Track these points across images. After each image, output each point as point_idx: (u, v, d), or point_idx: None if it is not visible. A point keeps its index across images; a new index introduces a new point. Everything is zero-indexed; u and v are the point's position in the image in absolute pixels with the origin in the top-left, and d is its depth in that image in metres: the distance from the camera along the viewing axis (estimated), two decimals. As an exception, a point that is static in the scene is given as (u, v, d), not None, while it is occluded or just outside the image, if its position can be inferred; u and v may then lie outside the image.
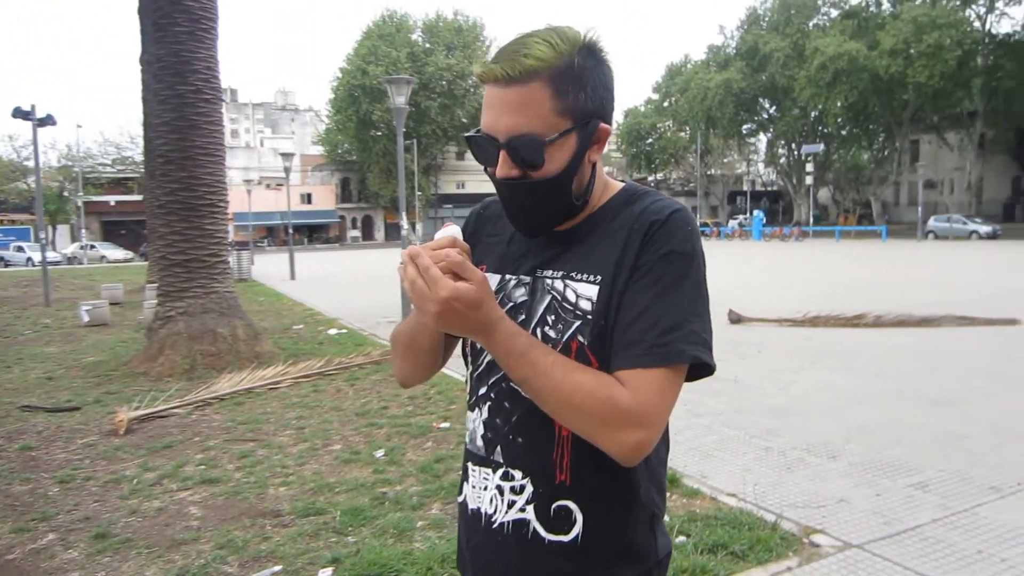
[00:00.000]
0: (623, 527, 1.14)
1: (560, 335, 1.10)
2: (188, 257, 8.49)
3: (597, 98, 1.09)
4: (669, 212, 1.11)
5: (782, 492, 4.15)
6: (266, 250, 52.87)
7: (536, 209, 1.14)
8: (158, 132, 8.63)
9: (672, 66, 63.47)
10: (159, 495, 4.41)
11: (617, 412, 1.01)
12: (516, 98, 1.05)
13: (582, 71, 1.06)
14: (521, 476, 1.15)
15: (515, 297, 1.18)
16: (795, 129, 51.12)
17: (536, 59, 1.03)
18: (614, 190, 1.20)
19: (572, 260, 1.14)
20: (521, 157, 1.08)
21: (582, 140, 1.09)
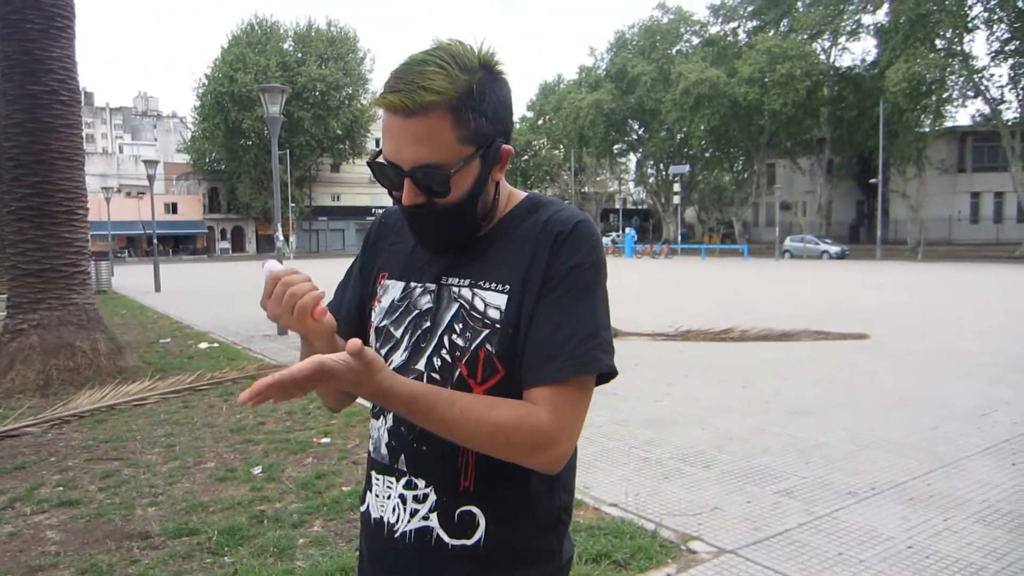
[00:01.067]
0: (526, 531, 1.15)
1: (468, 343, 1.11)
2: (43, 267, 7.93)
3: (497, 119, 1.09)
4: (574, 223, 1.12)
5: (661, 501, 4.31)
6: (127, 261, 49.78)
7: (443, 232, 1.15)
8: (8, 134, 8.03)
9: (546, 85, 65.07)
10: (11, 519, 4.11)
11: (541, 437, 1.04)
12: (418, 130, 1.04)
13: (481, 96, 1.06)
14: (424, 485, 1.15)
15: (420, 305, 1.18)
16: (663, 150, 53.56)
17: (435, 92, 1.02)
18: (517, 199, 1.21)
19: (478, 268, 1.15)
20: (426, 186, 1.08)
21: (485, 163, 1.10)
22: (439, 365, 1.14)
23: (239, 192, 59.74)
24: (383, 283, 1.27)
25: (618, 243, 49.12)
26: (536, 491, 1.15)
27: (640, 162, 59.51)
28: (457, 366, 1.12)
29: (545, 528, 1.17)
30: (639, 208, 73.08)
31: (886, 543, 3.66)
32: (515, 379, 1.10)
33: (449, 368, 1.13)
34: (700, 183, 56.49)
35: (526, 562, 1.16)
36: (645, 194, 66.92)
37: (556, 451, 1.06)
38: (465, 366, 1.11)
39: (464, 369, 1.11)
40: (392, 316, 1.22)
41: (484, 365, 1.10)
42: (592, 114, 51.01)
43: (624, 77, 51.70)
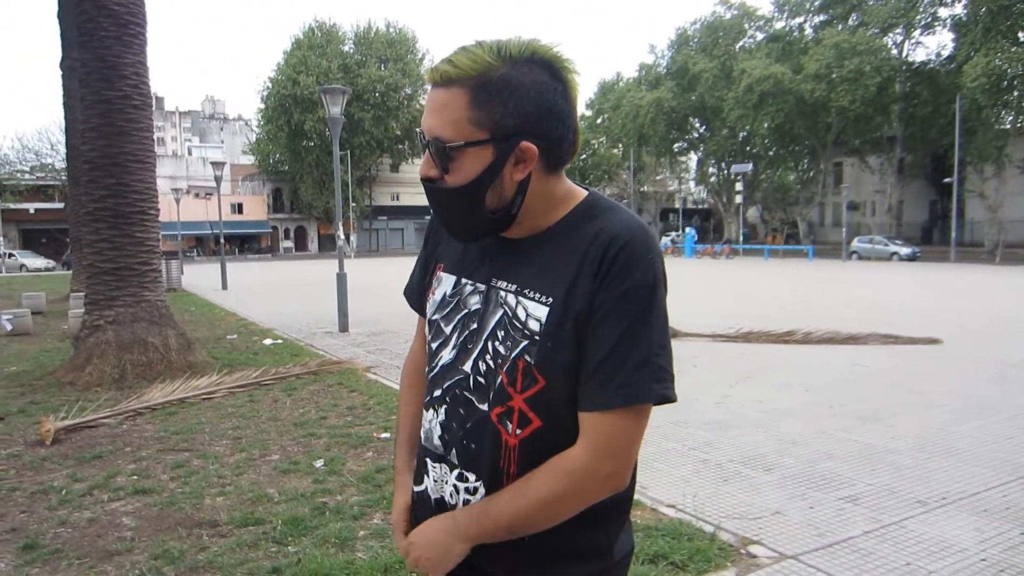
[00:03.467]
0: (570, 528, 1.15)
1: (509, 352, 1.12)
2: (118, 265, 8.27)
3: (521, 115, 1.06)
4: (624, 241, 1.08)
5: (720, 504, 4.25)
6: (195, 260, 51.40)
7: (452, 216, 1.16)
8: (85, 138, 8.40)
9: (605, 83, 64.62)
10: (90, 506, 4.29)
11: (581, 475, 1.08)
12: (437, 100, 1.08)
13: (504, 85, 1.05)
14: (475, 479, 1.18)
15: (470, 304, 1.20)
16: (725, 148, 52.63)
17: (456, 67, 1.05)
18: (575, 200, 1.17)
19: (525, 275, 1.15)
20: (436, 159, 1.10)
21: (499, 155, 1.08)
22: (483, 370, 1.16)
23: (301, 192, 61.08)
24: (438, 275, 1.29)
25: (678, 243, 48.50)
26: None
27: (701, 161, 58.59)
28: (499, 373, 1.14)
29: (591, 523, 1.17)
30: (699, 208, 71.95)
31: (958, 555, 3.52)
32: (555, 390, 1.11)
33: (492, 374, 1.15)
34: (763, 182, 55.29)
35: (572, 556, 1.17)
36: (706, 193, 65.86)
37: (601, 477, 1.09)
38: (505, 374, 1.13)
39: (504, 377, 1.13)
40: (443, 311, 1.24)
41: (523, 375, 1.11)
42: (652, 112, 50.46)
43: (685, 74, 50.99)
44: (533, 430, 1.13)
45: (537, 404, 1.11)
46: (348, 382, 7.70)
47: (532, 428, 1.13)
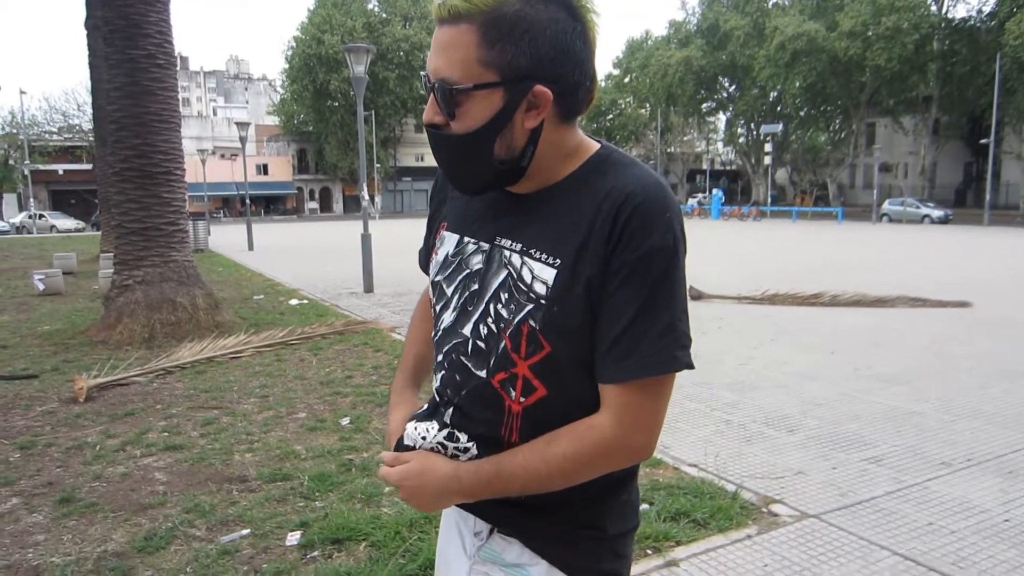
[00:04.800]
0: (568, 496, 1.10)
1: (512, 316, 1.06)
2: (145, 225, 8.35)
3: (536, 56, 0.98)
4: (640, 199, 1.01)
5: (742, 463, 4.27)
6: (222, 221, 51.88)
7: (457, 166, 1.09)
8: (110, 98, 8.42)
9: (633, 41, 63.53)
10: (123, 461, 4.40)
11: (612, 447, 1.03)
12: (443, 39, 1.00)
13: (517, 21, 0.97)
14: (467, 440, 1.12)
15: (472, 264, 1.13)
16: (754, 109, 51.72)
17: (467, 1, 0.97)
18: (586, 154, 1.10)
19: (531, 233, 1.08)
20: (441, 103, 1.02)
21: (510, 99, 1.00)
22: (484, 334, 1.10)
23: (326, 153, 61.14)
24: (441, 234, 1.22)
25: (704, 204, 48.00)
26: None
27: (730, 121, 57.68)
28: (502, 338, 1.07)
29: (586, 501, 1.13)
30: (727, 169, 70.96)
31: (981, 515, 3.52)
32: (561, 355, 1.05)
33: (494, 338, 1.08)
34: (793, 143, 54.34)
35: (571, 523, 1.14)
36: (734, 154, 64.91)
37: (630, 451, 1.06)
38: (509, 339, 1.07)
39: (508, 342, 1.07)
40: (446, 272, 1.18)
41: (528, 340, 1.05)
42: (681, 71, 49.62)
43: (716, 32, 49.97)
44: (538, 398, 1.07)
45: (543, 371, 1.06)
46: (373, 342, 7.77)
47: (537, 396, 1.07)
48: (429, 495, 1.09)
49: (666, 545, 3.23)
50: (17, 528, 3.52)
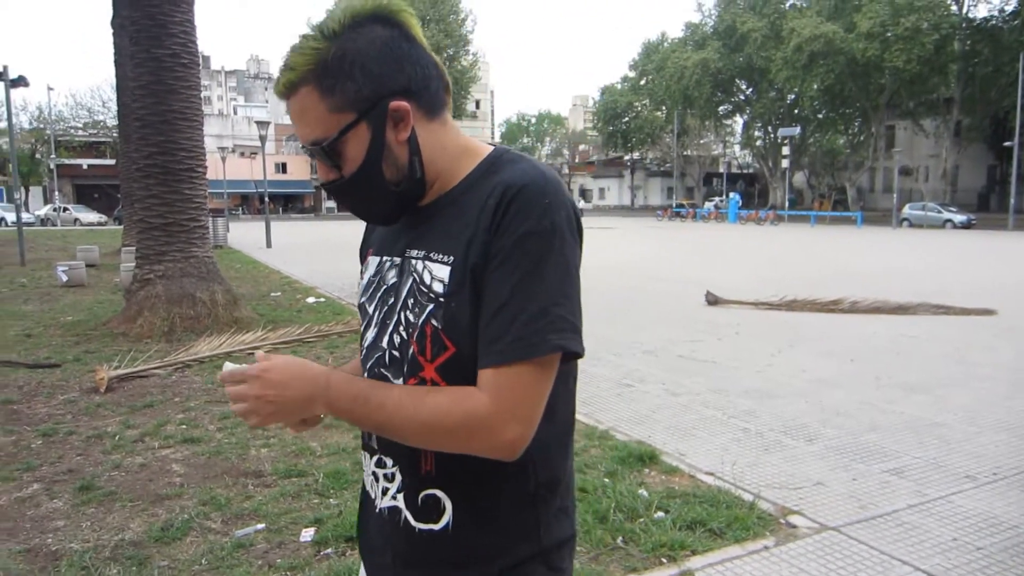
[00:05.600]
0: (495, 514, 1.09)
1: (417, 318, 1.07)
2: (167, 221, 8.45)
3: (374, 78, 1.02)
4: (521, 185, 1.02)
5: (759, 473, 4.21)
6: (241, 218, 52.28)
7: (363, 204, 1.13)
8: (136, 95, 8.54)
9: (649, 43, 63.41)
10: (141, 452, 4.46)
11: (478, 421, 0.98)
12: (295, 109, 1.05)
13: (341, 61, 1.01)
14: (392, 464, 1.13)
15: (388, 280, 1.16)
16: (772, 111, 51.41)
17: (292, 69, 1.02)
18: (479, 157, 1.13)
19: (432, 238, 1.10)
20: (326, 162, 1.07)
21: (375, 126, 1.04)
22: (398, 342, 1.10)
23: (345, 153, 61.29)
24: (368, 260, 1.26)
25: (721, 208, 47.79)
26: (501, 471, 1.06)
27: (747, 124, 57.38)
28: (410, 344, 1.08)
29: (518, 509, 1.10)
30: (744, 172, 70.66)
31: (1009, 532, 3.44)
32: (466, 356, 1.04)
33: (405, 345, 1.09)
34: (811, 146, 53.96)
35: (500, 545, 1.10)
36: (751, 158, 64.62)
37: (500, 437, 0.99)
38: (415, 343, 1.07)
39: (415, 346, 1.07)
40: (367, 292, 1.21)
41: (432, 341, 1.05)
42: (698, 73, 49.42)
43: (733, 34, 49.74)
44: None
45: (449, 373, 1.05)
46: (389, 340, 7.78)
47: None
48: (293, 391, 1.01)
49: (681, 554, 3.19)
50: (38, 513, 3.59)
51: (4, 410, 5.33)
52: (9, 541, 3.29)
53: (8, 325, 8.89)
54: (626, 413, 5.40)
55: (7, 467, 4.19)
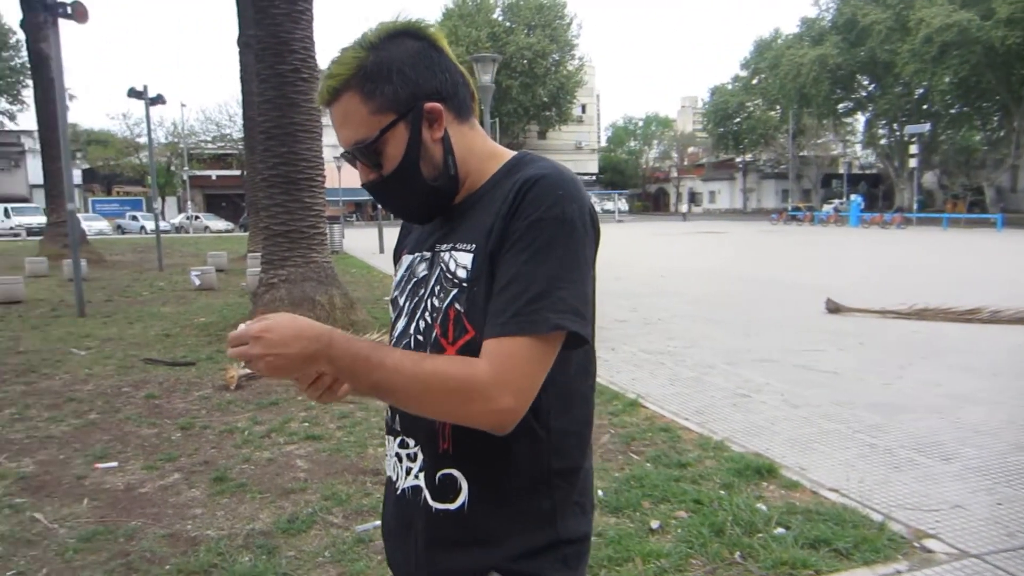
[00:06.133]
0: (510, 497, 1.13)
1: (441, 303, 1.14)
2: (289, 228, 8.89)
3: (410, 81, 1.12)
4: (538, 176, 1.10)
5: (889, 492, 3.99)
6: (354, 224, 54.23)
7: (403, 202, 1.21)
8: (260, 110, 9.03)
9: (761, 41, 61.44)
10: (268, 447, 4.73)
11: (477, 386, 1.02)
12: (338, 115, 1.15)
13: (380, 66, 1.11)
14: (413, 444, 1.19)
15: (419, 273, 1.24)
16: (897, 108, 48.63)
17: (334, 77, 1.12)
18: (503, 159, 1.22)
19: (460, 231, 1.18)
20: (367, 162, 1.16)
21: (412, 125, 1.13)
22: (422, 327, 1.17)
23: (454, 159, 62.52)
24: (401, 259, 1.34)
25: (842, 211, 45.62)
26: (516, 453, 1.12)
27: (870, 122, 54.48)
28: (434, 327, 1.14)
29: (533, 493, 1.14)
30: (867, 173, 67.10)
31: None
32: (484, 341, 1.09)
33: (429, 329, 1.15)
34: (943, 143, 50.63)
35: (515, 529, 1.13)
36: (875, 157, 61.35)
37: (494, 405, 1.02)
38: (439, 326, 1.13)
39: (438, 329, 1.13)
40: (399, 287, 1.29)
41: (454, 324, 1.11)
42: (815, 70, 47.42)
43: (853, 27, 47.40)
44: None
45: (467, 355, 1.08)
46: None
47: None
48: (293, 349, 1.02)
49: (804, 573, 3.07)
50: (178, 501, 3.86)
51: (148, 404, 5.78)
52: (154, 525, 3.57)
53: (150, 325, 9.63)
54: (741, 424, 5.25)
55: (151, 457, 4.54)
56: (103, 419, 5.38)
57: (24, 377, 6.73)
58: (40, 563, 3.20)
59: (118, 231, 46.06)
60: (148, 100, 19.32)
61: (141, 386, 6.35)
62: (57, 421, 5.33)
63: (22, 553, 3.29)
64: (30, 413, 5.55)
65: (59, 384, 6.47)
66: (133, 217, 48.47)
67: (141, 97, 19.12)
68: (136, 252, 25.62)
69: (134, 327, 9.55)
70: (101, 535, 3.45)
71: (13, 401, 5.90)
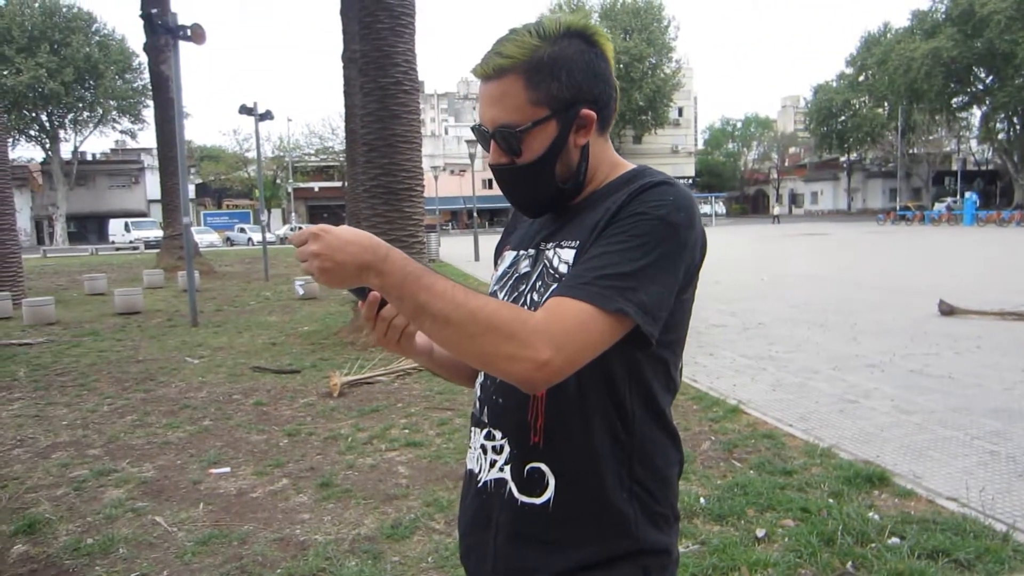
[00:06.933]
0: (595, 498, 1.12)
1: (541, 298, 1.14)
2: (390, 238, 9.07)
3: (575, 84, 1.12)
4: (656, 182, 1.11)
5: (1014, 501, 3.78)
6: (450, 233, 55.16)
7: (525, 192, 1.21)
8: (363, 122, 9.28)
9: (869, 36, 58.83)
10: (371, 453, 4.83)
11: (521, 327, 0.98)
12: (494, 92, 1.14)
13: (554, 61, 1.11)
14: (500, 436, 1.19)
15: (521, 269, 1.24)
16: (1018, 100, 45.55)
17: (506, 57, 1.11)
18: (623, 170, 1.22)
19: (567, 230, 1.19)
20: (505, 146, 1.15)
21: (563, 126, 1.13)
22: None
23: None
24: (503, 256, 1.34)
25: (955, 209, 43.10)
26: (600, 452, 1.12)
27: (987, 116, 51.23)
28: None
29: (616, 498, 1.12)
30: (983, 169, 63.13)
31: None
32: None
33: None
34: (1068, 137, 47.13)
35: (598, 531, 1.13)
36: (991, 153, 57.65)
37: (531, 352, 0.97)
38: None
39: None
40: (500, 282, 1.29)
41: None
42: (928, 64, 45.02)
43: (970, 18, 44.74)
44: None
45: None
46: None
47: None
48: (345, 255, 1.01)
49: (924, 586, 2.93)
50: (287, 506, 3.99)
51: (256, 411, 6.01)
52: (265, 530, 3.69)
53: (257, 334, 10.05)
54: (850, 431, 5.03)
55: (261, 463, 4.72)
56: (216, 425, 5.63)
57: (143, 385, 7.13)
58: (161, 565, 3.36)
59: (227, 243, 48.40)
60: (258, 116, 20.29)
61: (250, 393, 6.62)
62: (174, 427, 5.60)
63: (144, 555, 3.46)
64: (149, 420, 5.87)
65: (175, 391, 6.82)
66: (241, 229, 50.80)
67: (251, 113, 20.11)
68: (244, 263, 26.87)
69: (243, 336, 9.99)
70: (216, 539, 3.59)
71: (134, 408, 6.25)
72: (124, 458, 4.90)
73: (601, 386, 1.11)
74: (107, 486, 4.38)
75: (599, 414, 1.12)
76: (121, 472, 4.61)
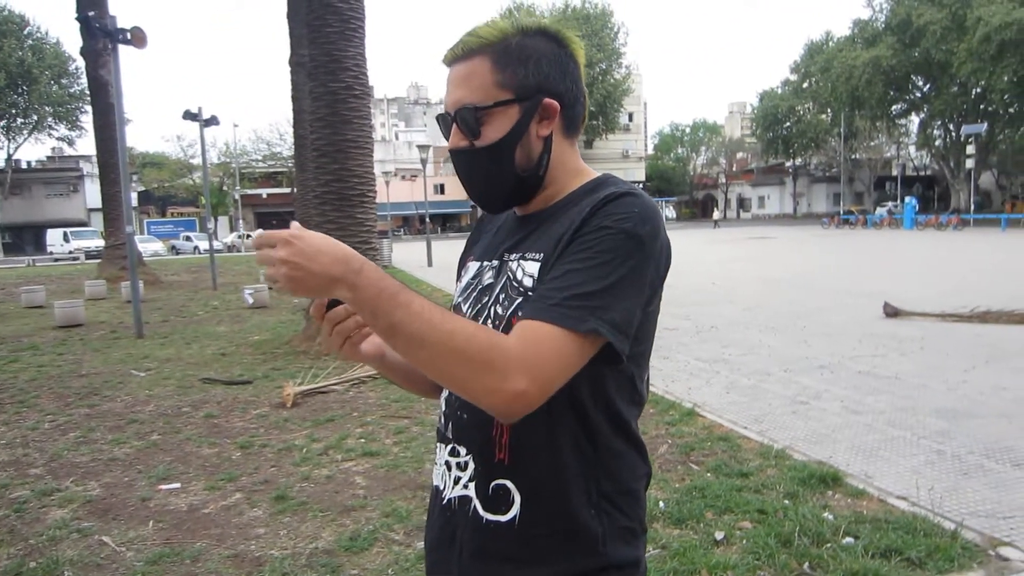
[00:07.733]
0: (561, 515, 1.11)
1: (505, 311, 1.12)
2: (342, 244, 8.97)
3: (542, 74, 1.13)
4: (620, 193, 1.09)
5: (961, 499, 3.89)
6: (402, 238, 54.81)
7: (484, 180, 1.18)
8: (314, 128, 9.15)
9: (812, 44, 60.42)
10: (327, 464, 4.74)
11: (499, 356, 0.96)
12: (462, 72, 1.14)
13: (523, 49, 1.12)
14: (465, 452, 1.16)
15: (485, 280, 1.22)
16: (953, 108, 47.25)
17: (477, 37, 1.13)
18: (587, 178, 1.21)
19: (530, 241, 1.17)
20: (464, 127, 1.14)
21: (525, 112, 1.13)
22: None
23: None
24: (466, 266, 1.32)
25: (896, 214, 44.45)
26: (566, 468, 1.10)
27: (924, 123, 53.01)
28: None
29: (581, 515, 1.11)
30: (921, 175, 65.33)
31: None
32: None
33: None
34: (1000, 144, 48.99)
35: (563, 547, 1.11)
36: (929, 159, 59.69)
37: (509, 384, 0.95)
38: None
39: None
40: (464, 294, 1.26)
41: None
42: (868, 72, 46.36)
43: (908, 28, 46.23)
44: None
45: None
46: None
47: None
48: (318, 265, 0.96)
49: (876, 584, 2.98)
50: (241, 521, 3.88)
51: (207, 424, 5.85)
52: (219, 546, 3.59)
53: (206, 345, 9.81)
54: (803, 432, 5.13)
55: (213, 477, 4.59)
56: (164, 440, 5.46)
57: (87, 400, 6.89)
58: (110, 584, 3.24)
59: (172, 252, 47.28)
60: (203, 122, 19.84)
61: (200, 406, 6.45)
62: (120, 443, 5.42)
63: None
64: (94, 436, 5.67)
65: (121, 406, 6.61)
66: (187, 237, 49.68)
67: (196, 119, 19.66)
68: (190, 272, 26.23)
69: (191, 347, 9.74)
70: (167, 557, 3.48)
71: (78, 424, 6.03)
72: (68, 476, 4.72)
73: (567, 402, 1.09)
74: (50, 506, 4.21)
75: (565, 430, 1.10)
76: (65, 491, 4.44)
